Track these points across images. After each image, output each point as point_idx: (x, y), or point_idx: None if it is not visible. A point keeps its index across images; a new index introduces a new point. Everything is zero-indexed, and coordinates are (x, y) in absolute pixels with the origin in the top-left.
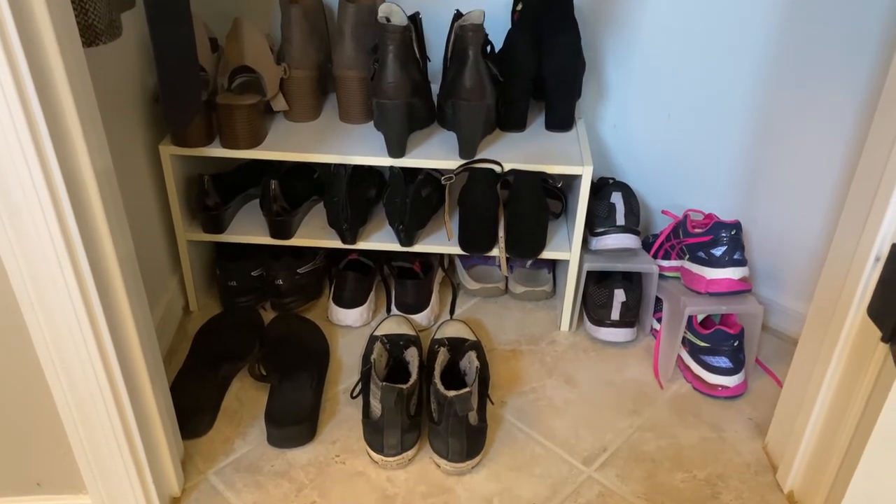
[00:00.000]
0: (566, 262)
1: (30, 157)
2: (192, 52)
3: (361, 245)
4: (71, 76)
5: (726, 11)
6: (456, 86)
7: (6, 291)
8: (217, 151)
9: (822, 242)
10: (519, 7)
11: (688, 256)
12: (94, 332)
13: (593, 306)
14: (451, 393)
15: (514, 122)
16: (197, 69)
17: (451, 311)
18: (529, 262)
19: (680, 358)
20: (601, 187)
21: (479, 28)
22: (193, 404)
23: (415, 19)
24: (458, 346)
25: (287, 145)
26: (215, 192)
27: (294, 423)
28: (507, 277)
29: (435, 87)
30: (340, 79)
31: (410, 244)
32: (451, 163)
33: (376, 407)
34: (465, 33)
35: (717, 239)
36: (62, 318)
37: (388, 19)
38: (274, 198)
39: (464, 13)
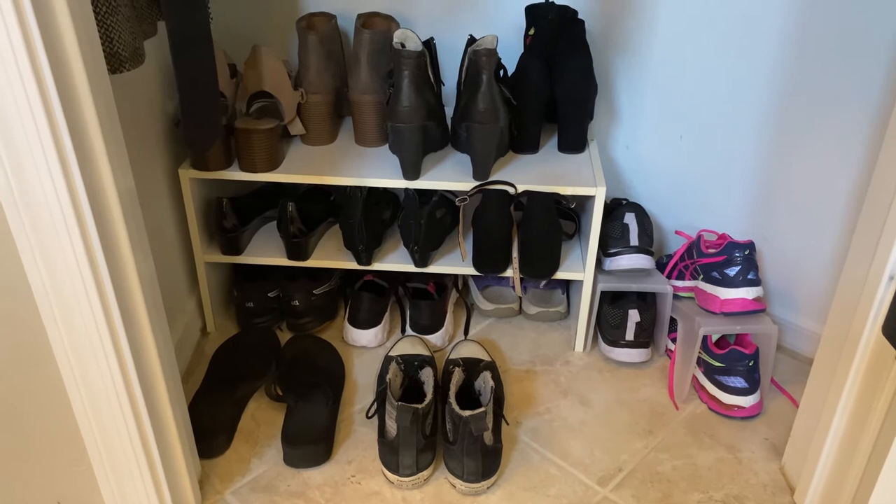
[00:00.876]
0: (580, 282)
1: (56, 177)
2: (214, 77)
3: (376, 266)
4: (97, 101)
5: (737, 33)
6: (470, 109)
7: (31, 309)
8: (235, 175)
9: (836, 262)
10: (531, 31)
11: (702, 276)
12: (116, 350)
13: (607, 327)
14: (467, 413)
15: (527, 144)
16: (217, 94)
17: (466, 332)
18: (543, 283)
19: (695, 378)
20: (614, 208)
21: (492, 53)
22: (211, 424)
23: (429, 45)
24: (472, 367)
25: (304, 168)
26: (233, 215)
27: (310, 442)
28: (520, 298)
29: (448, 111)
30: (356, 103)
31: (425, 265)
32: (465, 184)
33: (392, 427)
34: (478, 58)
35: (731, 259)
36: (85, 336)
37: (403, 45)
38: (291, 220)
39: (477, 38)
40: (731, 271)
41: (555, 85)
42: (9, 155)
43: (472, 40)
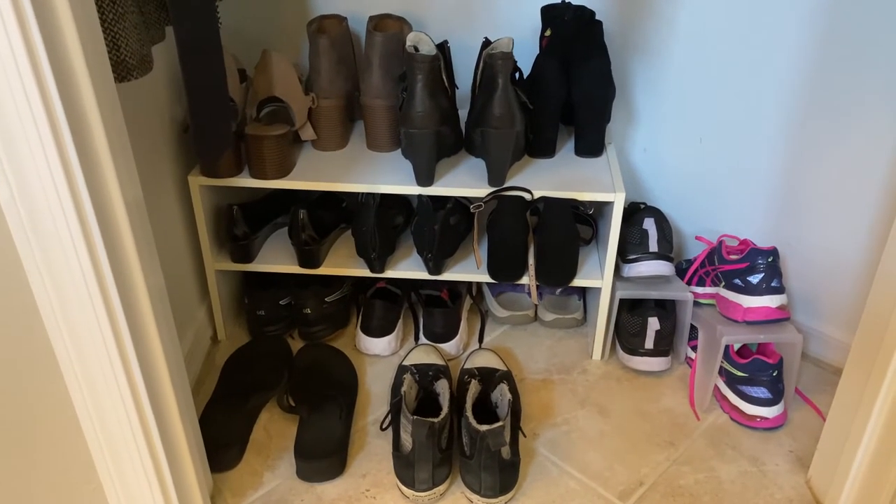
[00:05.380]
0: (597, 289)
1: (61, 189)
2: (224, 86)
3: (389, 273)
4: (103, 111)
5: (759, 34)
6: (485, 114)
7: (36, 322)
8: (246, 182)
9: (862, 268)
10: (547, 33)
11: (723, 283)
12: (124, 363)
13: (626, 335)
14: (484, 427)
15: (543, 148)
16: (228, 103)
17: (480, 340)
18: (559, 289)
19: (716, 388)
20: (633, 213)
21: (508, 56)
22: (222, 436)
23: (443, 48)
24: (488, 377)
25: (316, 175)
26: (243, 222)
27: (324, 456)
28: (536, 305)
29: (462, 114)
30: (368, 108)
31: (439, 273)
32: (480, 190)
33: (407, 440)
34: (494, 62)
35: (754, 266)
36: (93, 351)
37: (416, 48)
38: (303, 227)
39: (492, 41)
40: (755, 279)
41: (572, 88)
42: (12, 166)
43: (486, 43)
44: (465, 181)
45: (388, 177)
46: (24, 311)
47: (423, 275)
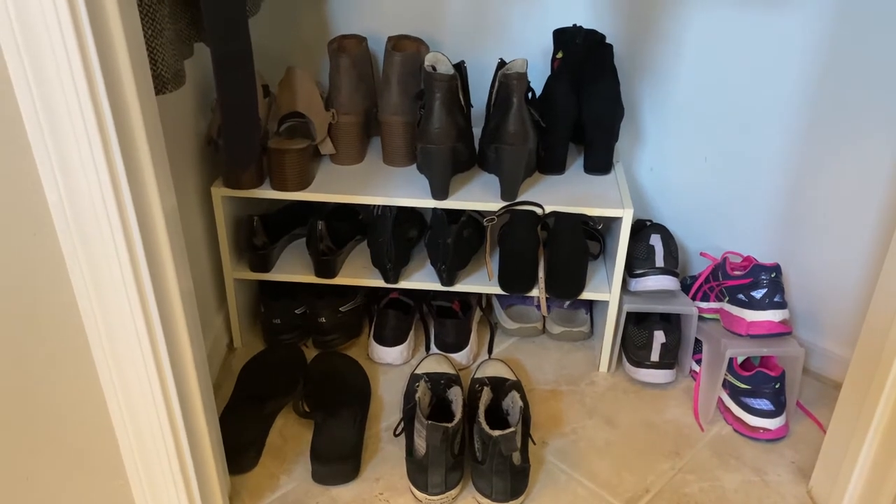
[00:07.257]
0: (603, 302)
1: (107, 195)
2: (254, 100)
3: (403, 284)
4: (146, 122)
5: (763, 56)
6: (500, 131)
7: (75, 323)
8: (267, 193)
9: (862, 284)
10: (559, 55)
11: (727, 298)
12: (157, 366)
13: (632, 347)
14: (497, 432)
15: (553, 165)
16: (257, 117)
17: (490, 351)
18: (567, 302)
19: (720, 400)
20: (639, 229)
21: (522, 76)
22: (240, 440)
23: (460, 68)
24: (499, 386)
25: (334, 188)
26: (263, 232)
27: (339, 460)
28: (544, 317)
29: (475, 132)
30: (386, 124)
31: (452, 284)
32: (493, 205)
33: (420, 445)
34: (509, 81)
35: (757, 282)
36: (127, 349)
37: (434, 68)
38: (320, 238)
39: (507, 62)
40: (758, 294)
41: (582, 108)
42: (63, 172)
43: (502, 63)
44: (478, 196)
45: (404, 190)
46: (64, 309)
47: (437, 286)
